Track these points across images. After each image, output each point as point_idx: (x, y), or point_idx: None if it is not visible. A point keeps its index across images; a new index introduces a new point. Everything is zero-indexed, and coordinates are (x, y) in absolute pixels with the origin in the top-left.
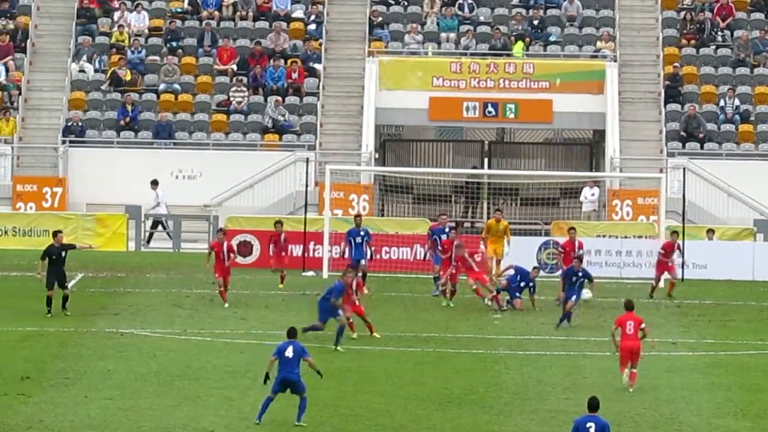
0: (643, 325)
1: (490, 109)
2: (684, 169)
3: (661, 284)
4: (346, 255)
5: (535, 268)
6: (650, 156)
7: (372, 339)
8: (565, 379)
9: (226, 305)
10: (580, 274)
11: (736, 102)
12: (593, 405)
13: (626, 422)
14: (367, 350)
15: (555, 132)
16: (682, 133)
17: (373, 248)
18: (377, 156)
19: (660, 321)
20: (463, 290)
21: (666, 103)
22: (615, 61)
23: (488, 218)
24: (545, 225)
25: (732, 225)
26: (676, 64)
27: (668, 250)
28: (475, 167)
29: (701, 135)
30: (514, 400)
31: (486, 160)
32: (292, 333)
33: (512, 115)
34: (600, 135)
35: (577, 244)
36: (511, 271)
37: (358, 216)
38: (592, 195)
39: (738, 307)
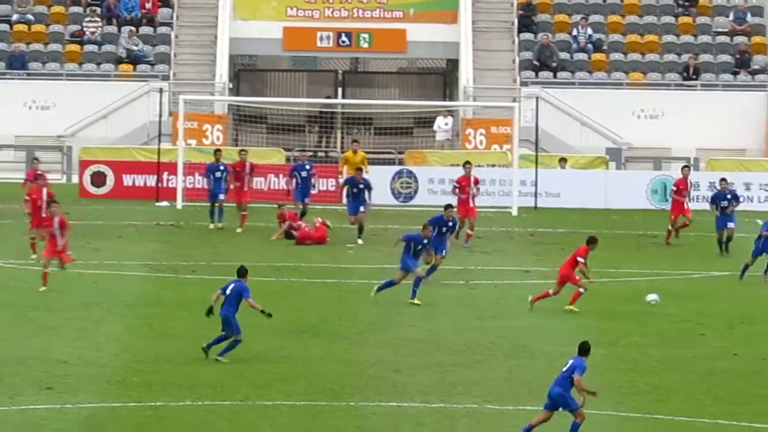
0: (579, 259)
1: (344, 38)
2: (537, 98)
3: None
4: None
5: (447, 209)
6: (503, 85)
7: (225, 269)
8: (419, 309)
9: (34, 256)
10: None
11: (589, 31)
12: (584, 349)
13: (480, 350)
14: (218, 279)
15: (409, 61)
16: (535, 62)
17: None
18: (231, 86)
19: (514, 249)
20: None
21: (519, 32)
22: None
23: (342, 148)
24: (399, 154)
25: (585, 154)
26: None
27: (681, 187)
28: (329, 97)
29: (554, 64)
30: (368, 330)
31: (340, 90)
32: (239, 272)
33: (366, 45)
34: (454, 64)
35: (472, 179)
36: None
37: (218, 151)
38: (446, 124)
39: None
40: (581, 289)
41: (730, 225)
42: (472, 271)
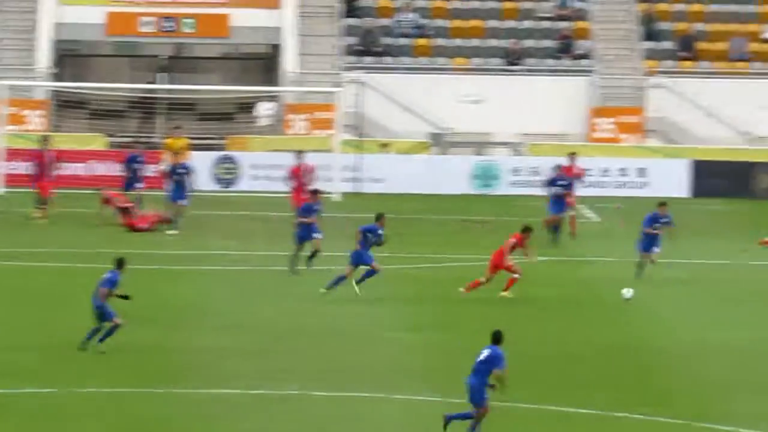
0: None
1: (167, 23)
2: (360, 83)
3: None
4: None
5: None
6: (327, 71)
7: (46, 256)
8: (237, 293)
9: None
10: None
11: (414, 16)
12: (497, 338)
13: (302, 335)
14: (31, 266)
15: (233, 47)
16: (359, 47)
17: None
18: (57, 71)
19: (337, 235)
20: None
21: (344, 17)
22: None
23: (165, 133)
24: (221, 140)
25: (408, 139)
26: None
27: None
28: (150, 82)
29: (378, 49)
30: (189, 316)
31: (163, 75)
32: (115, 263)
33: (189, 30)
34: (277, 49)
35: (305, 168)
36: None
37: (44, 138)
38: (268, 110)
39: (414, 220)
40: (515, 275)
41: (563, 211)
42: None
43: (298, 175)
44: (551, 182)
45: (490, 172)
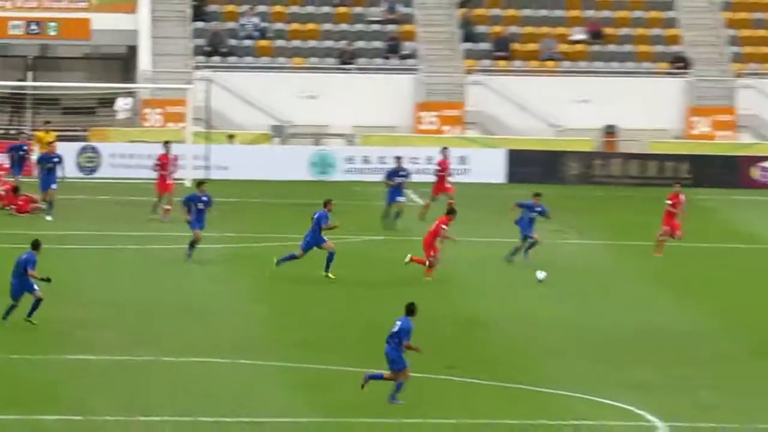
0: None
1: (33, 27)
2: (208, 80)
3: None
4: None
5: (200, 185)
6: (179, 69)
7: None
8: (103, 271)
9: None
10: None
11: (256, 20)
12: (410, 310)
13: (158, 308)
14: None
15: (93, 47)
16: (207, 48)
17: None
18: None
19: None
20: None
21: (193, 20)
22: None
23: (33, 126)
24: (84, 132)
25: (251, 131)
26: None
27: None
28: (20, 80)
29: (224, 50)
30: (54, 291)
31: (30, 73)
32: (32, 244)
33: (54, 33)
34: (134, 50)
35: (172, 157)
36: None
37: None
38: (126, 104)
39: (256, 204)
40: (431, 259)
41: (400, 199)
42: (153, 237)
43: (165, 164)
44: (392, 173)
45: (327, 160)
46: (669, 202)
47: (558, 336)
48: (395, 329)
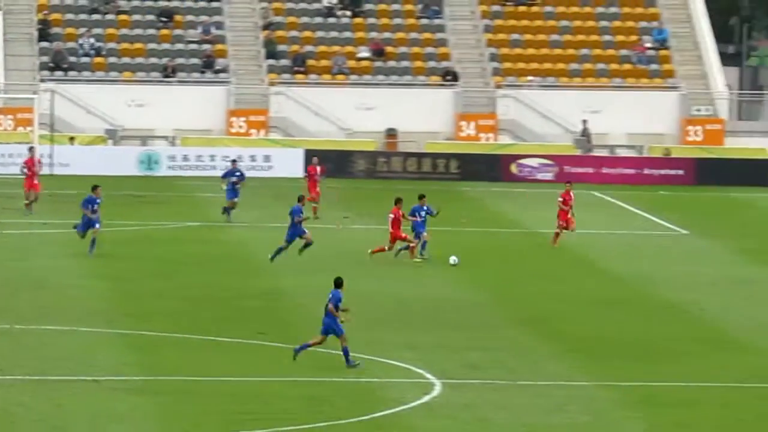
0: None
1: None
2: (52, 91)
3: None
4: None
5: (94, 189)
6: (28, 82)
7: None
8: None
9: None
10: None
11: (92, 40)
12: (337, 283)
13: (9, 285)
14: None
15: None
16: (51, 64)
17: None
18: None
19: (35, 207)
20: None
21: (39, 41)
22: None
23: None
24: None
25: (89, 133)
26: (45, 12)
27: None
28: None
29: (66, 65)
30: None
31: None
32: None
33: None
34: None
35: (37, 159)
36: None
37: None
38: None
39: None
40: (411, 244)
41: (235, 199)
42: (4, 224)
43: (31, 167)
44: (228, 174)
45: (152, 158)
46: (560, 200)
47: (349, 306)
48: (328, 300)
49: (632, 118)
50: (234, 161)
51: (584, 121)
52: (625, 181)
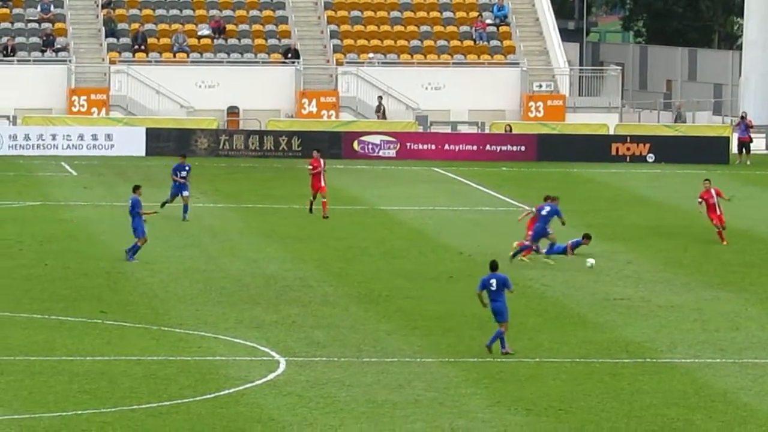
0: None
1: None
2: None
3: None
4: None
5: None
6: None
7: None
8: None
9: None
10: None
11: None
12: (493, 266)
13: None
14: None
15: None
16: None
17: None
18: None
19: None
20: None
21: None
22: None
23: None
24: None
25: None
26: None
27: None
28: None
29: None
30: None
31: None
32: None
33: None
34: None
35: None
36: None
37: None
38: None
39: None
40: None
41: (185, 193)
42: None
43: None
44: (177, 168)
45: None
46: (309, 167)
47: (188, 284)
48: None
49: (474, 94)
50: (183, 155)
51: (379, 98)
52: (467, 158)
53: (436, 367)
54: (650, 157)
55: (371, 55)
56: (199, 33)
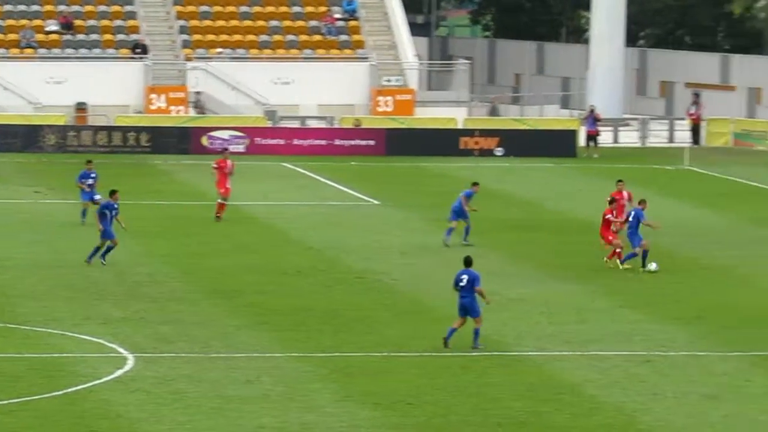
0: None
1: None
2: None
3: None
4: None
5: None
6: None
7: None
8: None
9: None
10: None
11: None
12: (467, 261)
13: None
14: None
15: None
16: None
17: None
18: None
19: None
20: None
21: None
22: None
23: None
24: None
25: None
26: None
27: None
28: None
29: None
30: None
31: None
32: None
33: None
34: None
35: None
36: None
37: None
38: None
39: None
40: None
41: (97, 197)
42: None
43: None
44: (83, 176)
45: None
46: (215, 166)
47: (37, 280)
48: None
49: (323, 89)
50: (89, 161)
51: (197, 93)
52: (317, 152)
53: (285, 362)
54: (499, 151)
55: (220, 50)
56: (47, 28)
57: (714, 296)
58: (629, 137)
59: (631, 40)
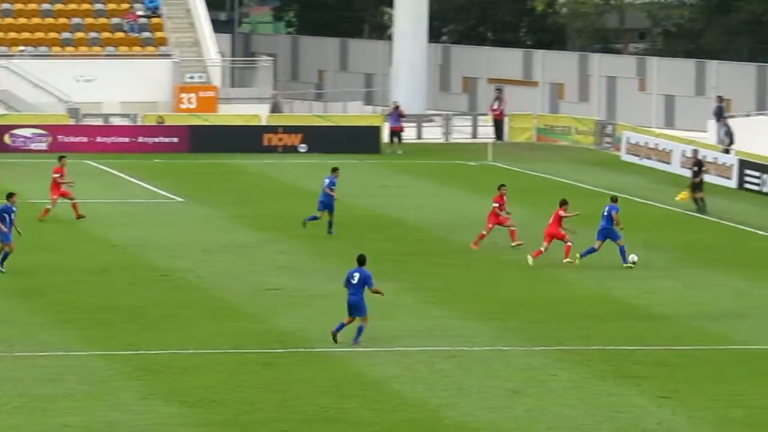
0: None
1: None
2: None
3: None
4: None
5: None
6: None
7: None
8: None
9: None
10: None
11: None
12: (360, 260)
13: None
14: None
15: None
16: None
17: None
18: None
19: None
20: None
21: None
22: None
23: None
24: None
25: None
26: None
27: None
28: None
29: None
30: None
31: None
32: None
33: None
34: None
35: None
36: None
37: None
38: None
39: None
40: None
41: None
42: None
43: None
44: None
45: None
46: (56, 175)
47: None
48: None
49: (126, 86)
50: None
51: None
52: (120, 150)
53: (88, 360)
54: (302, 147)
55: (22, 47)
56: None
57: (518, 291)
58: (433, 133)
59: (434, 36)
